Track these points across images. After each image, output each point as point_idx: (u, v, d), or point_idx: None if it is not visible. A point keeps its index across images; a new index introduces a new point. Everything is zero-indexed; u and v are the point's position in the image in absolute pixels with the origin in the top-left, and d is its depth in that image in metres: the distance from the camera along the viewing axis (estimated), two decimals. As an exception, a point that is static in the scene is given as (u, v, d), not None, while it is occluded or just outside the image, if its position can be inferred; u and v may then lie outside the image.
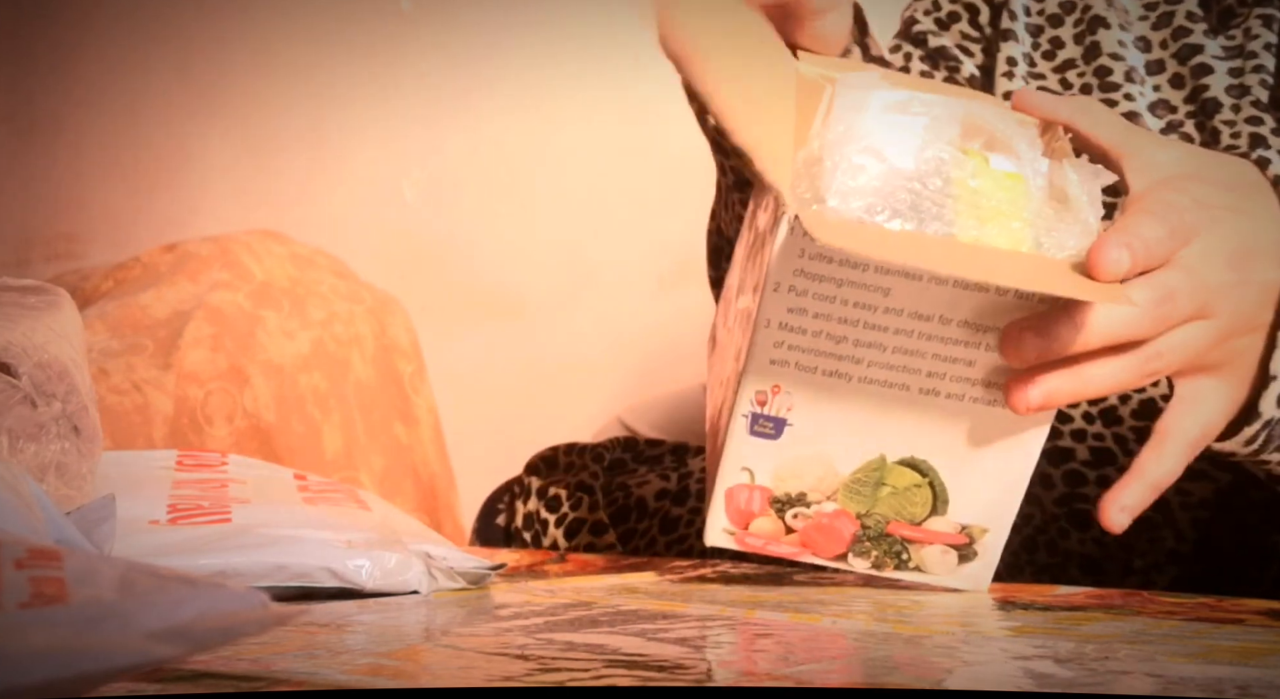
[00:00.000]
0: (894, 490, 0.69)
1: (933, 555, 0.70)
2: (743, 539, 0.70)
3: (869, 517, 0.69)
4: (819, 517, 0.69)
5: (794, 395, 0.68)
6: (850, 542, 0.70)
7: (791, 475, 0.69)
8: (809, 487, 0.69)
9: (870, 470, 0.69)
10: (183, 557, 0.65)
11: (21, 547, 0.36)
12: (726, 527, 0.70)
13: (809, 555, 0.70)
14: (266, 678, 0.45)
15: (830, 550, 0.70)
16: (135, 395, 1.34)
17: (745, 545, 0.70)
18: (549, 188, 1.78)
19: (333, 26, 1.88)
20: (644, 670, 0.48)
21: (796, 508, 0.69)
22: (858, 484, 0.69)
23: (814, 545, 0.70)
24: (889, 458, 0.69)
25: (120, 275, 1.54)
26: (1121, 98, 0.86)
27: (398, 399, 1.58)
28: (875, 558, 0.70)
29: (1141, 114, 0.86)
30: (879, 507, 0.69)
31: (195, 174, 1.96)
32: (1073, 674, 0.48)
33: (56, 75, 2.06)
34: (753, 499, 0.69)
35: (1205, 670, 0.49)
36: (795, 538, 0.70)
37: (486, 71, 1.80)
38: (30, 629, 0.32)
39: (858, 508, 0.69)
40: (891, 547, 0.70)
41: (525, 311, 1.80)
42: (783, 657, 0.55)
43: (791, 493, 0.69)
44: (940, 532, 0.70)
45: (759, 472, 0.69)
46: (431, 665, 0.51)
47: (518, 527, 0.99)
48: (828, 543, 0.70)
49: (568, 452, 1.01)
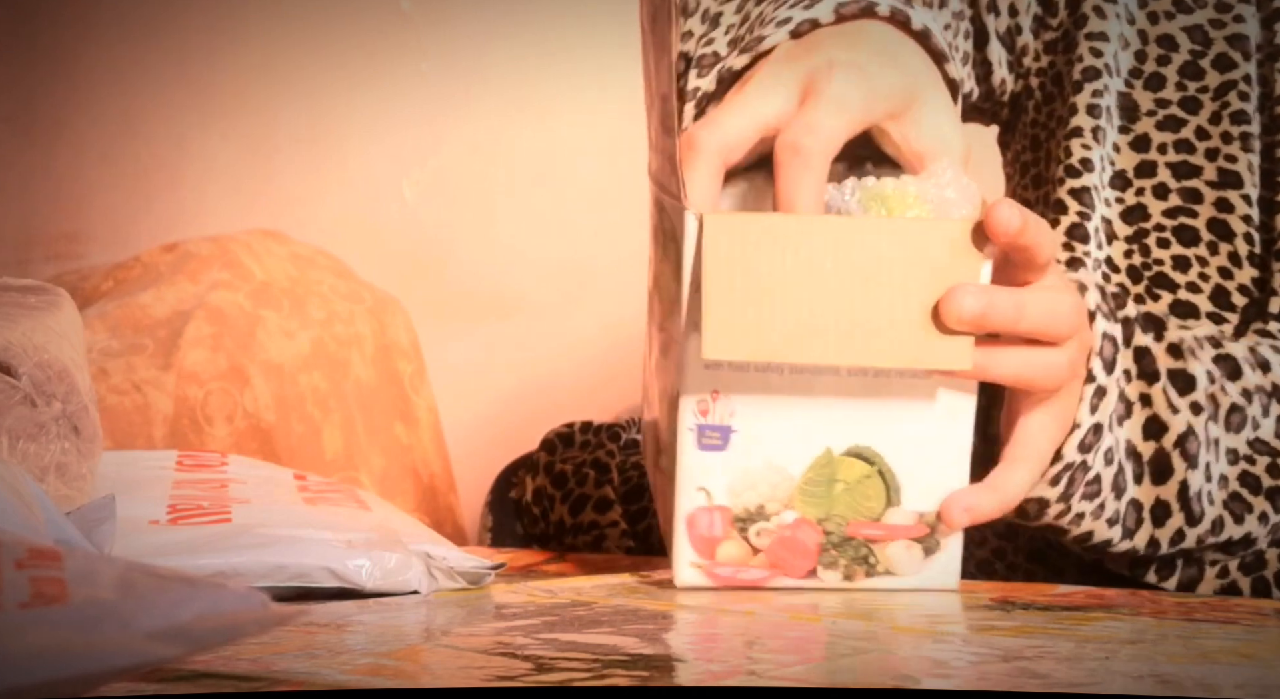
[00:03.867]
0: (846, 485, 0.69)
1: (898, 553, 0.70)
2: (712, 572, 0.69)
3: (829, 520, 0.69)
4: (781, 530, 0.69)
5: (733, 398, 0.68)
6: (817, 553, 0.69)
7: (746, 487, 0.69)
8: (765, 497, 0.69)
9: (820, 468, 0.68)
10: (183, 557, 0.65)
11: (21, 547, 0.36)
12: (694, 560, 0.69)
13: (780, 578, 0.70)
14: (266, 678, 0.45)
15: (800, 567, 0.69)
16: (135, 395, 1.34)
17: (717, 578, 0.69)
18: (549, 188, 1.78)
19: (332, 26, 1.88)
20: (644, 670, 0.48)
21: (758, 523, 0.69)
22: (811, 485, 0.69)
23: (783, 565, 0.69)
24: (834, 450, 0.68)
25: (120, 275, 1.54)
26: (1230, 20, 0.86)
27: (398, 399, 1.58)
28: (844, 567, 0.70)
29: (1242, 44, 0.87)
30: (836, 507, 0.69)
31: (195, 174, 1.96)
32: (1073, 674, 0.48)
33: (56, 75, 2.06)
34: (714, 522, 0.69)
35: (1205, 670, 0.49)
36: (763, 559, 0.69)
37: (486, 71, 1.80)
38: (30, 629, 0.32)
39: (816, 512, 0.69)
40: (857, 552, 0.69)
41: (525, 312, 1.80)
42: (782, 656, 0.55)
43: (750, 507, 0.69)
44: (899, 524, 0.69)
45: (715, 489, 0.69)
46: (431, 665, 0.51)
47: (528, 501, 0.99)
48: (795, 559, 0.69)
49: (584, 429, 1.01)
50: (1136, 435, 0.73)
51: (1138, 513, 0.73)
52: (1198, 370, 0.74)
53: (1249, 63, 0.86)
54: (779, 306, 0.64)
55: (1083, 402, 0.70)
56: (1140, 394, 0.73)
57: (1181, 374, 0.74)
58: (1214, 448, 0.75)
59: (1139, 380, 0.73)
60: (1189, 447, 0.73)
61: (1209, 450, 0.74)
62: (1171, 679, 0.47)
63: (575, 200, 1.77)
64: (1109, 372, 0.71)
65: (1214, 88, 0.86)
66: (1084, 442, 0.71)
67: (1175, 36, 0.87)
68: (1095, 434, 0.71)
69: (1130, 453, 0.73)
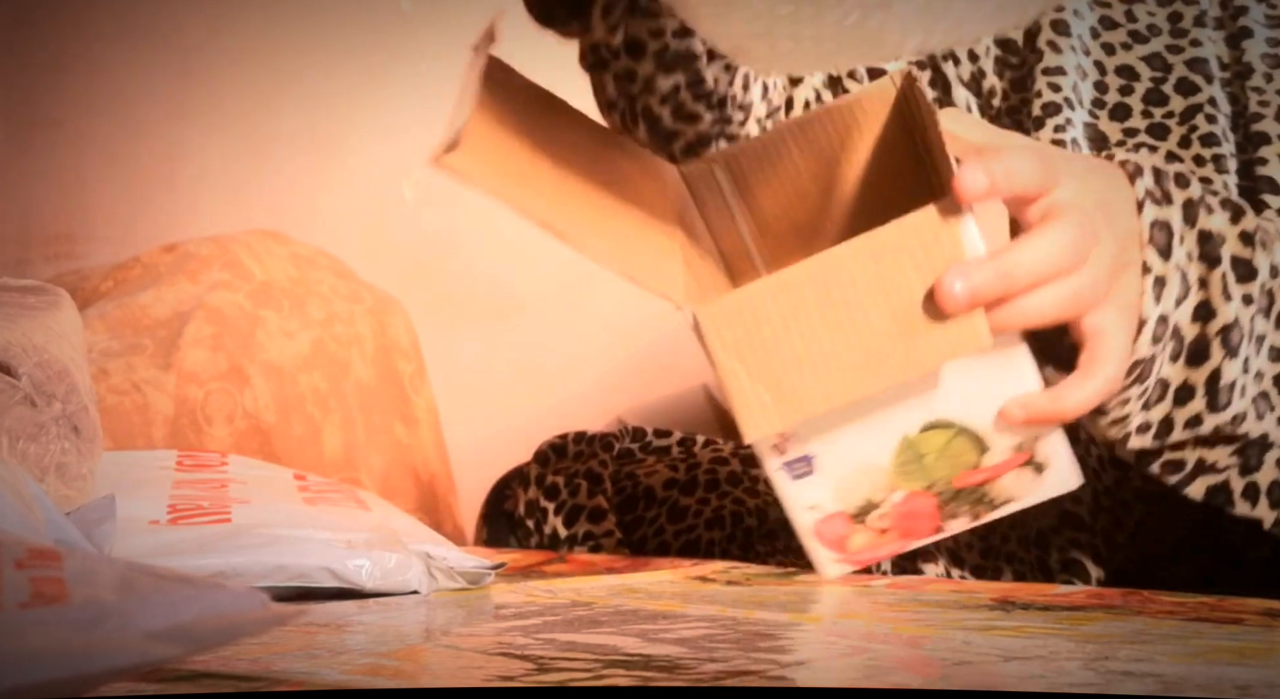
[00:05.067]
0: (935, 454, 0.72)
1: (1011, 482, 0.72)
2: (853, 559, 0.73)
3: (935, 485, 0.72)
4: (896, 508, 0.72)
5: (800, 431, 0.71)
6: (937, 512, 0.72)
7: (849, 491, 0.72)
8: (869, 493, 0.72)
9: (904, 451, 0.72)
10: (183, 557, 0.65)
11: (21, 547, 0.36)
12: (834, 557, 0.73)
13: (915, 542, 0.73)
14: (266, 678, 0.45)
15: (928, 528, 0.73)
16: (135, 395, 1.34)
17: (860, 562, 0.74)
18: (549, 188, 1.78)
19: (332, 26, 1.88)
20: (644, 670, 0.48)
21: (872, 513, 0.72)
22: (904, 467, 0.72)
23: (912, 532, 0.73)
24: (909, 434, 0.71)
25: (120, 275, 1.54)
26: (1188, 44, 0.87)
27: (398, 399, 1.58)
28: (969, 511, 0.72)
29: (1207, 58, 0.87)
30: (935, 473, 0.72)
31: (195, 174, 1.95)
32: (1073, 674, 0.48)
33: (56, 75, 2.05)
34: (836, 526, 0.73)
35: (1205, 670, 0.49)
36: (893, 534, 0.73)
37: (486, 71, 1.80)
38: (30, 629, 0.32)
39: (921, 484, 0.72)
40: (973, 496, 0.72)
41: (525, 311, 1.79)
42: (783, 657, 0.55)
43: (859, 503, 0.72)
44: (1000, 462, 0.72)
45: (823, 503, 0.72)
46: (431, 665, 0.51)
47: (521, 514, 0.99)
48: (921, 523, 0.73)
49: (577, 440, 1.01)
50: (1185, 317, 0.72)
51: (1162, 390, 0.72)
52: (1261, 263, 0.73)
53: (1212, 85, 0.86)
54: (791, 368, 0.67)
55: (1145, 295, 0.69)
56: (1199, 277, 0.72)
57: (1244, 263, 0.72)
58: (1258, 343, 0.73)
59: (1199, 262, 0.72)
60: (1232, 338, 0.72)
61: (1251, 344, 0.72)
62: (1171, 679, 0.47)
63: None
64: (1165, 258, 0.70)
65: (1180, 112, 0.86)
66: (1155, 334, 0.70)
67: (1134, 66, 0.87)
68: (1163, 324, 0.70)
69: (1174, 333, 0.72)
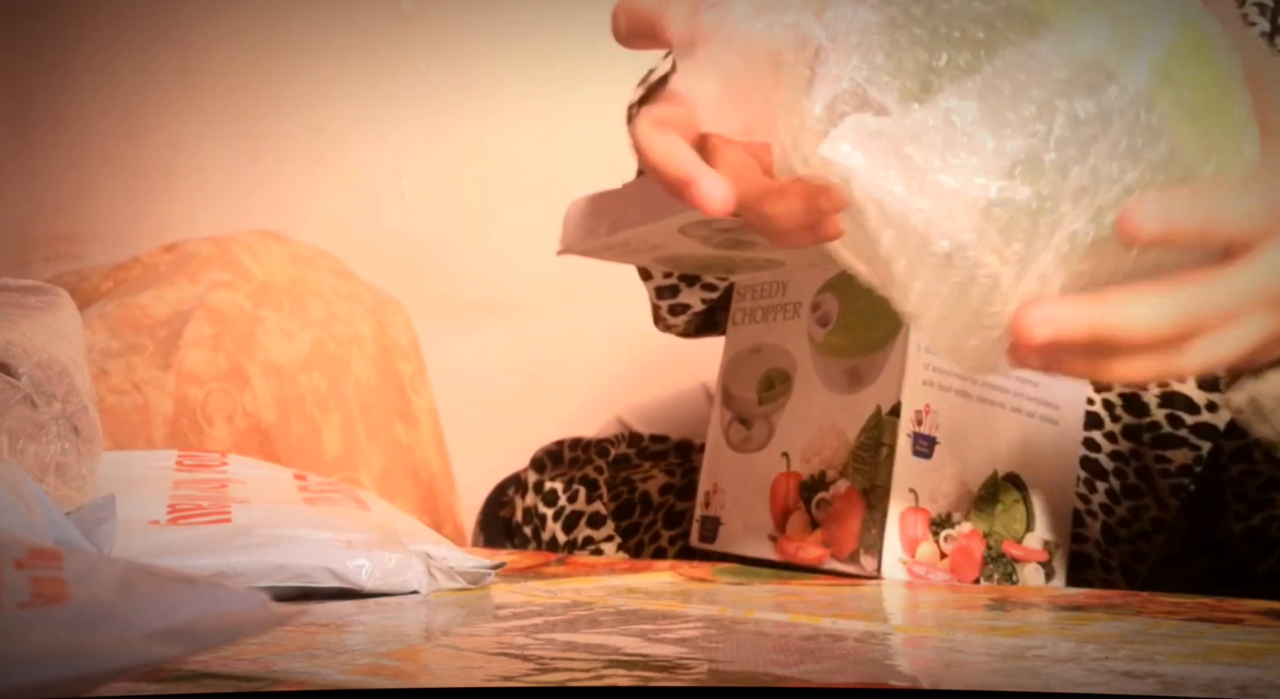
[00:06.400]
0: (1004, 506, 0.76)
1: (1029, 574, 0.77)
2: (912, 569, 0.75)
3: (991, 536, 0.75)
4: (961, 539, 0.75)
5: (939, 414, 0.73)
6: (980, 564, 0.76)
7: (940, 495, 0.75)
8: (951, 506, 0.75)
9: (989, 486, 0.75)
10: (183, 557, 0.65)
11: (21, 547, 0.36)
12: (901, 556, 0.75)
13: (960, 582, 0.76)
14: (266, 678, 0.45)
15: (968, 575, 0.76)
16: (135, 395, 1.34)
17: (914, 576, 0.76)
18: (549, 187, 1.78)
19: (332, 27, 1.88)
20: (644, 670, 0.48)
21: (946, 529, 0.75)
22: (982, 502, 0.75)
23: (959, 571, 0.76)
24: (999, 473, 0.76)
25: (120, 275, 1.54)
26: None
27: (398, 399, 1.58)
28: (996, 581, 0.76)
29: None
30: (996, 524, 0.75)
31: (195, 174, 1.96)
32: (1073, 674, 0.48)
33: (57, 75, 2.06)
34: (918, 524, 0.75)
35: (1205, 670, 0.49)
36: (947, 563, 0.75)
37: (486, 71, 1.80)
38: (30, 629, 0.32)
39: (984, 526, 0.75)
40: (1006, 568, 0.76)
41: (525, 312, 1.80)
42: (783, 657, 0.55)
43: (942, 513, 0.75)
44: (1034, 549, 0.76)
45: (921, 493, 0.75)
46: (431, 665, 0.51)
47: (518, 521, 0.99)
48: (967, 567, 0.76)
49: (573, 446, 1.01)
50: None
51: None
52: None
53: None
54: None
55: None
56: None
57: None
58: None
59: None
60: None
61: None
62: (1172, 679, 0.47)
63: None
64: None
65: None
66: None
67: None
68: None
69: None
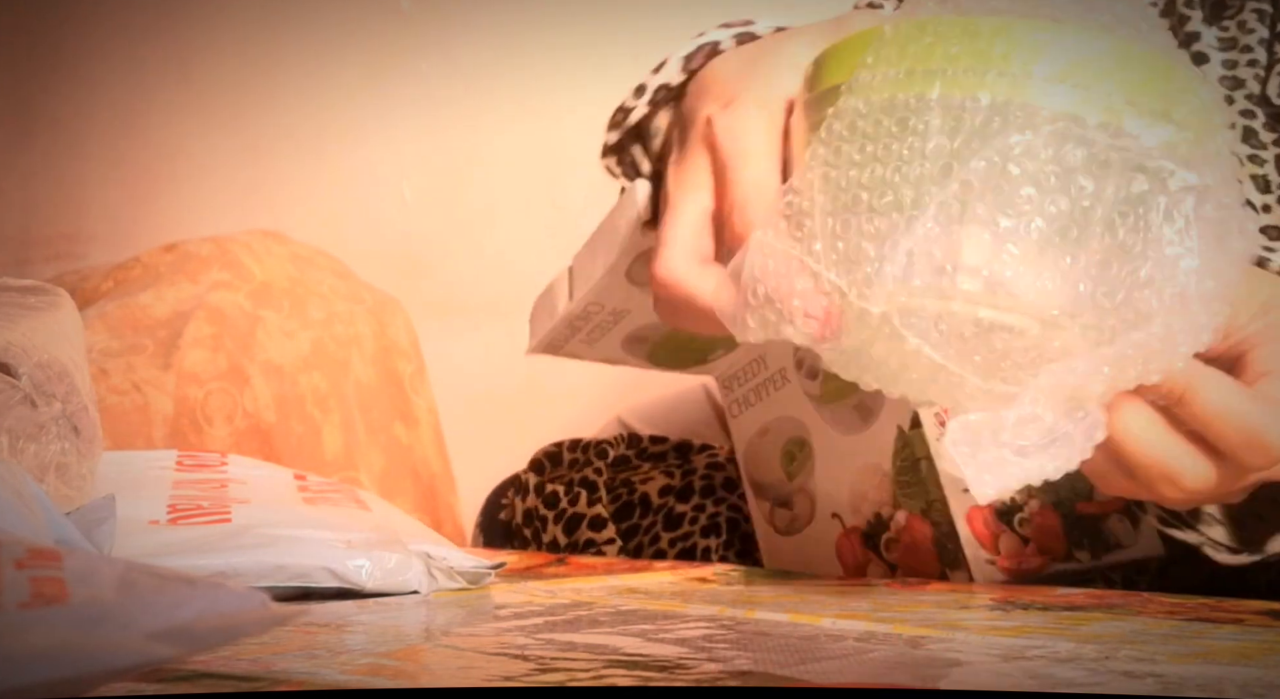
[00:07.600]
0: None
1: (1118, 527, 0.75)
2: (1003, 565, 0.75)
3: (1060, 505, 0.74)
4: (1034, 518, 0.74)
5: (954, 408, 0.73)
6: (1064, 536, 0.75)
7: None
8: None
9: None
10: (183, 557, 0.65)
11: (21, 547, 0.36)
12: (987, 557, 0.75)
13: (1052, 564, 0.75)
14: (266, 678, 0.45)
15: (1059, 550, 0.75)
16: (135, 395, 1.34)
17: (1008, 573, 0.75)
18: (549, 187, 1.78)
19: (332, 27, 1.88)
20: (644, 670, 0.48)
21: (1017, 514, 0.74)
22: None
23: (1049, 550, 0.75)
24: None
25: (120, 275, 1.54)
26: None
27: (398, 399, 1.58)
28: (1089, 546, 0.75)
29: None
30: (1061, 492, 0.74)
31: (195, 174, 1.96)
32: (1073, 674, 0.48)
33: (57, 76, 2.06)
34: (986, 518, 0.74)
35: (1205, 670, 0.49)
36: (1033, 547, 0.74)
37: (486, 71, 1.80)
38: (30, 629, 0.32)
39: (1050, 497, 0.74)
40: (1091, 529, 0.75)
41: (525, 311, 1.79)
42: (783, 657, 0.55)
43: (1005, 500, 0.74)
44: (1107, 499, 0.74)
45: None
46: (431, 665, 0.51)
47: (518, 523, 0.99)
48: (1054, 542, 0.75)
49: (571, 448, 1.01)
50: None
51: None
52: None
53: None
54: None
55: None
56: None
57: None
58: None
59: None
60: None
61: None
62: (1171, 679, 0.47)
63: (576, 199, 1.77)
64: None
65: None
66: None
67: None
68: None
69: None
